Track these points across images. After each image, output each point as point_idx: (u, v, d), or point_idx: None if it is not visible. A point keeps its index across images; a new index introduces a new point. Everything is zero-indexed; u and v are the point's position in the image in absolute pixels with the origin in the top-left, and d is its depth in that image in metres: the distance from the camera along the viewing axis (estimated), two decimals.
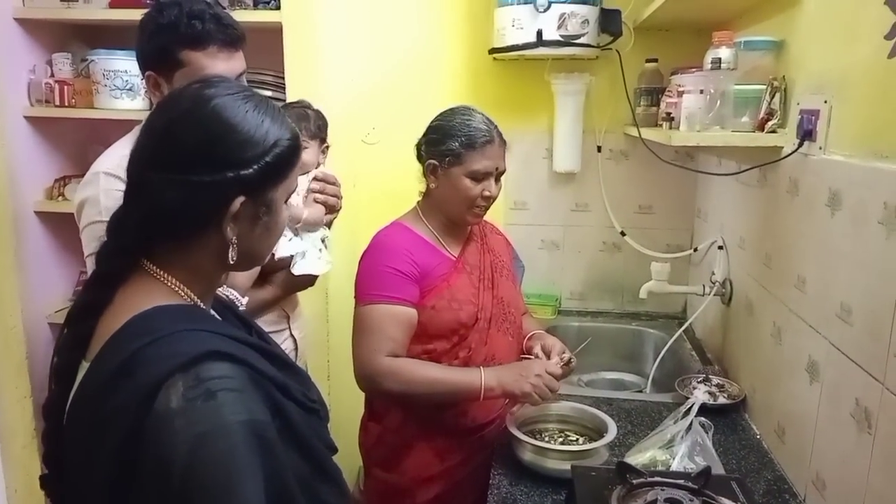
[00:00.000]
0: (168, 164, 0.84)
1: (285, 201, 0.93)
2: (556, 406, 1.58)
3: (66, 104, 2.25)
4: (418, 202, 1.67)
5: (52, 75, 2.28)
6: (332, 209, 1.68)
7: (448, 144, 1.54)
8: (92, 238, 1.38)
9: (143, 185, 0.86)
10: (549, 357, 1.57)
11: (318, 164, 1.70)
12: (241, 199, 0.85)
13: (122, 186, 1.32)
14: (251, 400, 0.80)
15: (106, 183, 1.37)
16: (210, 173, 0.83)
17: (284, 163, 0.89)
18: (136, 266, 0.88)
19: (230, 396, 0.77)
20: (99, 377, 0.80)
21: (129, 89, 2.20)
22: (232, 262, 0.89)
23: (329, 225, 1.71)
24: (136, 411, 0.75)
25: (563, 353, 1.58)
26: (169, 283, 0.87)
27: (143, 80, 1.42)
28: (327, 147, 1.73)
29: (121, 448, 0.76)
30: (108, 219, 1.33)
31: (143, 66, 1.41)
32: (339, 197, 1.69)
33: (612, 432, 1.46)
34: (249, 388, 0.80)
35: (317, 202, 1.63)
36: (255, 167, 0.85)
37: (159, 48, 1.36)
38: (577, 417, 1.58)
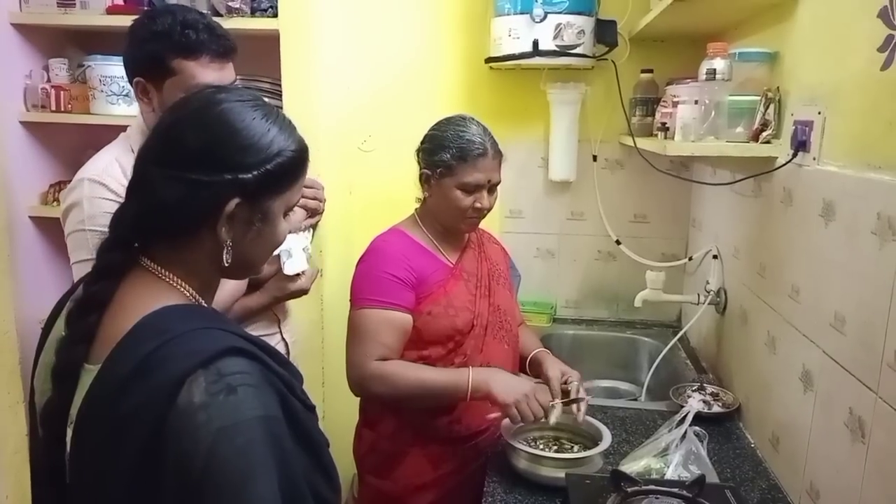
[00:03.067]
0: (169, 160, 0.86)
1: (284, 216, 0.94)
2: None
3: (63, 109, 2.25)
4: (416, 209, 1.67)
5: (49, 80, 2.28)
6: (314, 212, 1.64)
7: (440, 155, 1.53)
8: (76, 245, 1.37)
9: (145, 179, 0.88)
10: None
11: None
12: (235, 200, 0.86)
13: (107, 193, 1.35)
14: (266, 395, 0.81)
15: (90, 190, 1.36)
16: (208, 173, 0.85)
17: (286, 173, 0.90)
18: (136, 263, 0.89)
19: (249, 392, 0.79)
20: (112, 381, 0.79)
21: (126, 95, 2.20)
22: (226, 266, 0.89)
23: (314, 228, 1.67)
24: (158, 409, 0.76)
25: (564, 377, 1.55)
26: (170, 281, 0.88)
27: (133, 86, 1.41)
28: None
29: (143, 448, 0.76)
30: (91, 227, 1.34)
31: (132, 73, 1.40)
32: (320, 200, 1.65)
33: (606, 440, 1.47)
34: (263, 384, 0.81)
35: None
36: (255, 173, 0.86)
37: (151, 55, 1.35)
38: (572, 425, 1.57)
